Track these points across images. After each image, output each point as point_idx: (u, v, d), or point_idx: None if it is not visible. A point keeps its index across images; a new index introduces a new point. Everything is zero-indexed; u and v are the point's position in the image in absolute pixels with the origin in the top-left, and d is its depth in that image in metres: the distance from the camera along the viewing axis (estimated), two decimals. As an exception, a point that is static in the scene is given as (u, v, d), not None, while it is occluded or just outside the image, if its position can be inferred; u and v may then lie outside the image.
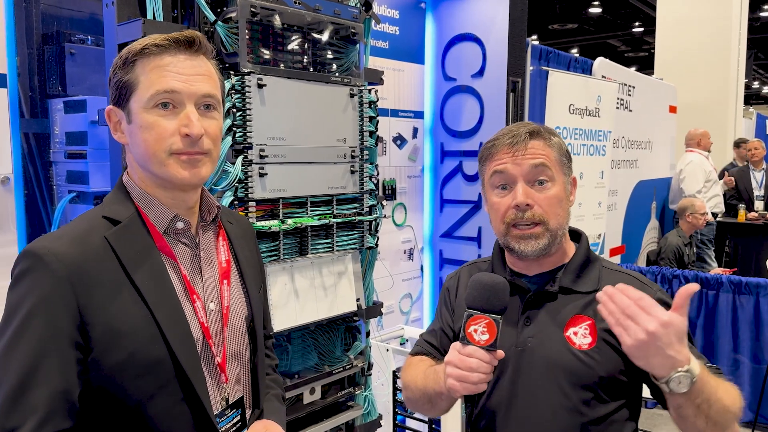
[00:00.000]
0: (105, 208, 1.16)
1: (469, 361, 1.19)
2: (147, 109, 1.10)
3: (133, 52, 1.12)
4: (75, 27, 2.37)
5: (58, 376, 1.01)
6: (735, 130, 7.88)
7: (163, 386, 1.09)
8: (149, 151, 1.11)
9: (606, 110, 4.56)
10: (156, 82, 1.10)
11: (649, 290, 1.28)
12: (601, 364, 1.27)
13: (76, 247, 1.06)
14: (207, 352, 1.18)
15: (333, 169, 2.16)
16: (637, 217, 6.02)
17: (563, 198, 1.35)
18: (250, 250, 1.38)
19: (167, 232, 1.17)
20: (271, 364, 1.49)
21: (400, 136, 3.61)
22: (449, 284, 1.57)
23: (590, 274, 1.37)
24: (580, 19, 13.78)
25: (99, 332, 1.04)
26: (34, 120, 2.29)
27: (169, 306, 1.12)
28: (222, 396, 1.21)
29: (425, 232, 3.90)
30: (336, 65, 2.22)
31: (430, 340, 1.55)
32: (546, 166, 1.32)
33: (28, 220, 2.24)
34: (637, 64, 16.94)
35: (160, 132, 1.10)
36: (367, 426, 2.42)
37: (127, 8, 1.79)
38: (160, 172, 1.13)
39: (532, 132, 1.34)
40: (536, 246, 1.31)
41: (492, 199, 1.37)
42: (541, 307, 1.35)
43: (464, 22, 3.61)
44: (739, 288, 4.23)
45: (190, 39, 1.13)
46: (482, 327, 1.20)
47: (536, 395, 1.30)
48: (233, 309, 1.26)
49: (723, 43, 7.51)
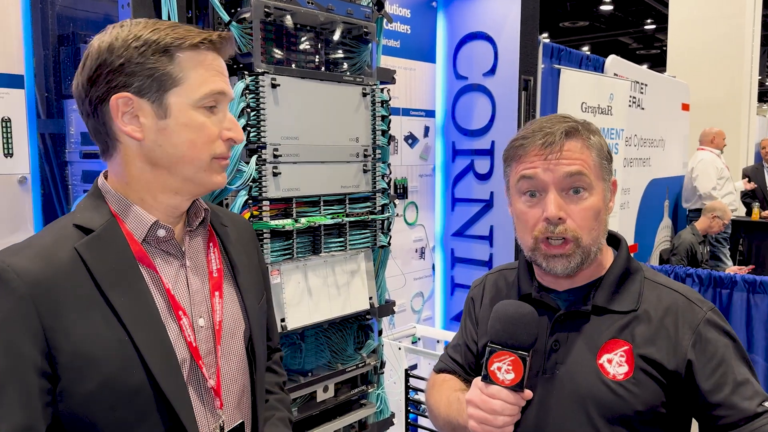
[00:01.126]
0: (76, 215, 1.03)
1: (492, 403, 1.08)
2: (196, 108, 1.01)
3: (178, 42, 1.00)
4: (90, 28, 2.39)
5: (19, 409, 0.89)
6: (749, 128, 7.81)
7: (143, 418, 0.97)
8: (192, 153, 1.01)
9: (618, 108, 4.54)
10: (209, 81, 1.02)
11: (697, 310, 1.16)
12: (637, 397, 1.12)
13: (40, 262, 0.93)
14: (196, 375, 1.05)
15: (346, 168, 2.17)
16: (649, 215, 5.98)
17: (601, 209, 1.17)
18: (248, 255, 1.24)
19: (147, 241, 1.04)
20: (278, 382, 1.35)
21: (411, 135, 3.61)
22: (474, 293, 1.43)
23: (629, 290, 1.20)
24: (591, 17, 13.69)
25: (67, 358, 0.92)
26: (50, 120, 2.31)
27: (150, 325, 0.99)
28: (216, 424, 1.08)
29: (437, 231, 3.90)
30: (348, 64, 2.22)
31: (454, 356, 1.43)
32: (583, 174, 1.14)
33: (45, 220, 2.27)
34: (649, 62, 16.83)
35: (209, 134, 1.03)
36: (380, 424, 2.43)
37: (142, 9, 1.80)
38: (196, 176, 1.04)
39: (569, 131, 1.16)
40: (567, 265, 1.16)
41: (518, 206, 1.21)
42: (572, 329, 1.20)
43: (476, 21, 3.61)
44: (753, 287, 4.19)
45: (227, 40, 1.06)
46: (507, 365, 1.08)
47: (565, 430, 1.17)
48: (227, 324, 1.12)
49: (736, 40, 7.44)
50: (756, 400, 1.10)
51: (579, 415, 1.15)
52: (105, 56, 0.99)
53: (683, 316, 1.16)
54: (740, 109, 7.54)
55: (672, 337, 1.15)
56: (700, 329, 1.14)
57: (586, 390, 1.15)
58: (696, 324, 1.15)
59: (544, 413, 1.18)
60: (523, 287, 1.29)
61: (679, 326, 1.15)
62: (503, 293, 1.35)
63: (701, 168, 6.11)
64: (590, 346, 1.18)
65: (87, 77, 1.01)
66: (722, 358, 1.13)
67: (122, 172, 1.04)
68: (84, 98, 1.02)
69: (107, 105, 1.00)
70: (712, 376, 1.12)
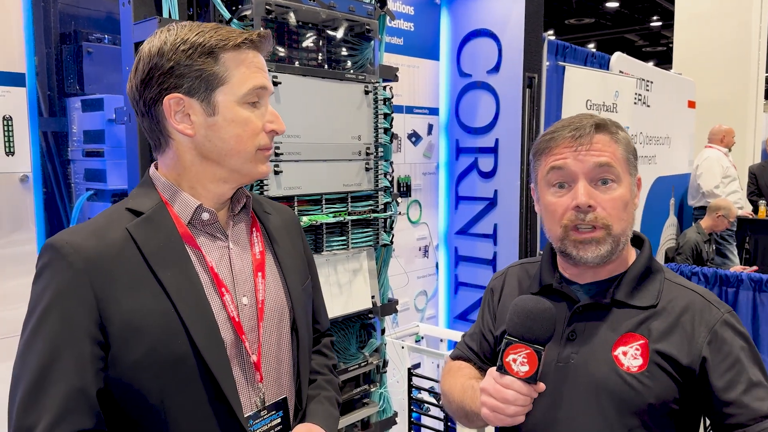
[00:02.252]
0: (129, 200, 1.12)
1: (505, 393, 1.11)
2: (241, 104, 1.09)
3: (222, 44, 1.08)
4: (92, 26, 2.39)
5: (74, 373, 0.97)
6: (755, 126, 7.76)
7: (186, 385, 1.03)
8: (239, 146, 1.09)
9: (624, 106, 4.52)
10: (251, 78, 1.09)
11: (715, 310, 1.17)
12: (651, 390, 1.14)
13: (95, 239, 1.03)
14: (240, 350, 1.12)
15: (348, 167, 2.16)
16: (655, 213, 5.95)
17: (629, 200, 1.20)
18: (293, 241, 1.31)
19: (192, 223, 1.13)
20: (328, 364, 1.39)
21: (415, 133, 3.60)
22: (493, 285, 1.45)
23: (650, 287, 1.22)
24: (596, 14, 13.64)
25: (117, 327, 1.00)
26: (52, 119, 2.31)
27: (193, 299, 1.06)
28: (257, 397, 1.14)
29: (440, 229, 3.89)
30: (351, 62, 2.21)
31: (470, 344, 1.46)
32: (612, 166, 1.18)
33: (47, 218, 2.27)
34: (655, 59, 16.75)
35: (254, 128, 1.10)
36: (383, 423, 2.42)
37: (144, 7, 1.79)
38: (243, 167, 1.11)
39: (598, 125, 1.20)
40: (597, 252, 1.17)
41: (547, 198, 1.22)
42: (590, 321, 1.21)
43: (479, 18, 3.59)
44: (759, 285, 4.16)
45: (268, 39, 1.13)
46: (522, 357, 1.10)
47: (576, 420, 1.18)
48: (270, 304, 1.19)
49: (743, 37, 7.38)
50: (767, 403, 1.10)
51: (591, 405, 1.17)
52: (156, 60, 1.07)
53: (700, 315, 1.17)
54: (747, 106, 7.49)
55: (688, 334, 1.16)
56: (716, 329, 1.15)
57: (600, 380, 1.17)
58: (713, 324, 1.16)
59: (557, 402, 1.20)
60: (545, 278, 1.30)
61: (695, 324, 1.16)
62: (524, 285, 1.37)
63: (706, 165, 6.07)
64: (607, 338, 1.19)
65: (140, 80, 1.09)
66: (737, 358, 1.14)
67: (175, 164, 1.12)
68: (138, 99, 1.11)
69: (160, 105, 1.08)
70: (725, 374, 1.13)
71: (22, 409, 0.96)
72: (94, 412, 0.99)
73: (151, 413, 1.03)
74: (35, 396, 0.96)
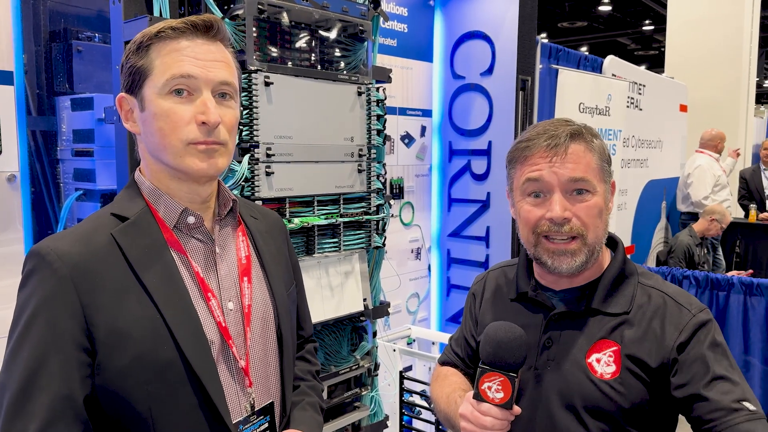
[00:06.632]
0: (114, 205, 1.11)
1: (483, 420, 1.14)
2: (162, 95, 1.04)
3: (148, 36, 1.05)
4: (82, 24, 2.37)
5: (60, 380, 0.96)
6: (746, 130, 7.80)
7: (174, 391, 1.02)
8: (164, 141, 1.04)
9: (616, 109, 4.53)
10: (172, 67, 1.03)
11: (685, 312, 1.18)
12: (623, 396, 1.16)
13: (79, 246, 1.01)
14: (227, 355, 1.11)
15: (340, 168, 2.15)
16: (646, 216, 5.97)
17: (603, 208, 1.21)
18: (278, 246, 1.29)
19: (178, 227, 1.11)
20: (311, 370, 1.38)
21: (407, 135, 3.59)
22: (475, 289, 1.47)
23: (624, 292, 1.23)
24: (589, 17, 13.68)
25: (103, 334, 0.99)
26: (41, 117, 2.28)
27: (179, 304, 1.04)
28: (247, 401, 1.14)
29: (433, 232, 3.88)
30: (344, 63, 2.20)
31: (456, 349, 1.48)
32: (586, 180, 1.18)
33: (35, 218, 2.24)
34: (647, 63, 16.82)
35: (176, 120, 1.04)
36: (374, 427, 2.40)
37: (134, 5, 1.77)
38: (175, 163, 1.06)
39: (573, 134, 1.19)
40: (572, 264, 1.18)
41: (522, 206, 1.23)
42: (565, 329, 1.23)
43: (473, 20, 3.59)
44: (750, 289, 4.18)
45: (208, 23, 1.06)
46: (497, 385, 1.14)
47: (554, 425, 1.21)
48: (256, 308, 1.17)
49: (734, 41, 7.43)
50: (731, 396, 1.09)
51: (567, 410, 1.20)
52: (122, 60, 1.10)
53: (671, 317, 1.19)
54: (738, 110, 7.53)
55: (659, 338, 1.18)
56: (684, 330, 1.17)
57: (574, 387, 1.20)
58: (682, 326, 1.17)
59: (534, 408, 1.23)
60: (521, 285, 1.32)
61: (666, 327, 1.18)
62: (503, 290, 1.39)
63: (698, 174, 6.03)
64: (581, 345, 1.22)
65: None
66: (701, 354, 1.14)
67: (145, 165, 1.13)
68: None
69: None
70: (689, 370, 1.14)
71: (8, 416, 0.94)
72: (81, 419, 0.98)
73: (139, 420, 1.01)
74: (22, 403, 0.94)
